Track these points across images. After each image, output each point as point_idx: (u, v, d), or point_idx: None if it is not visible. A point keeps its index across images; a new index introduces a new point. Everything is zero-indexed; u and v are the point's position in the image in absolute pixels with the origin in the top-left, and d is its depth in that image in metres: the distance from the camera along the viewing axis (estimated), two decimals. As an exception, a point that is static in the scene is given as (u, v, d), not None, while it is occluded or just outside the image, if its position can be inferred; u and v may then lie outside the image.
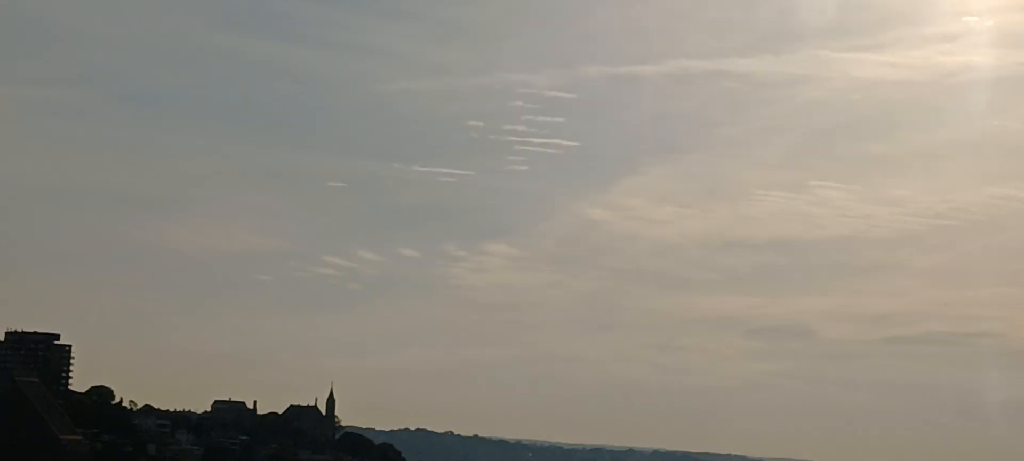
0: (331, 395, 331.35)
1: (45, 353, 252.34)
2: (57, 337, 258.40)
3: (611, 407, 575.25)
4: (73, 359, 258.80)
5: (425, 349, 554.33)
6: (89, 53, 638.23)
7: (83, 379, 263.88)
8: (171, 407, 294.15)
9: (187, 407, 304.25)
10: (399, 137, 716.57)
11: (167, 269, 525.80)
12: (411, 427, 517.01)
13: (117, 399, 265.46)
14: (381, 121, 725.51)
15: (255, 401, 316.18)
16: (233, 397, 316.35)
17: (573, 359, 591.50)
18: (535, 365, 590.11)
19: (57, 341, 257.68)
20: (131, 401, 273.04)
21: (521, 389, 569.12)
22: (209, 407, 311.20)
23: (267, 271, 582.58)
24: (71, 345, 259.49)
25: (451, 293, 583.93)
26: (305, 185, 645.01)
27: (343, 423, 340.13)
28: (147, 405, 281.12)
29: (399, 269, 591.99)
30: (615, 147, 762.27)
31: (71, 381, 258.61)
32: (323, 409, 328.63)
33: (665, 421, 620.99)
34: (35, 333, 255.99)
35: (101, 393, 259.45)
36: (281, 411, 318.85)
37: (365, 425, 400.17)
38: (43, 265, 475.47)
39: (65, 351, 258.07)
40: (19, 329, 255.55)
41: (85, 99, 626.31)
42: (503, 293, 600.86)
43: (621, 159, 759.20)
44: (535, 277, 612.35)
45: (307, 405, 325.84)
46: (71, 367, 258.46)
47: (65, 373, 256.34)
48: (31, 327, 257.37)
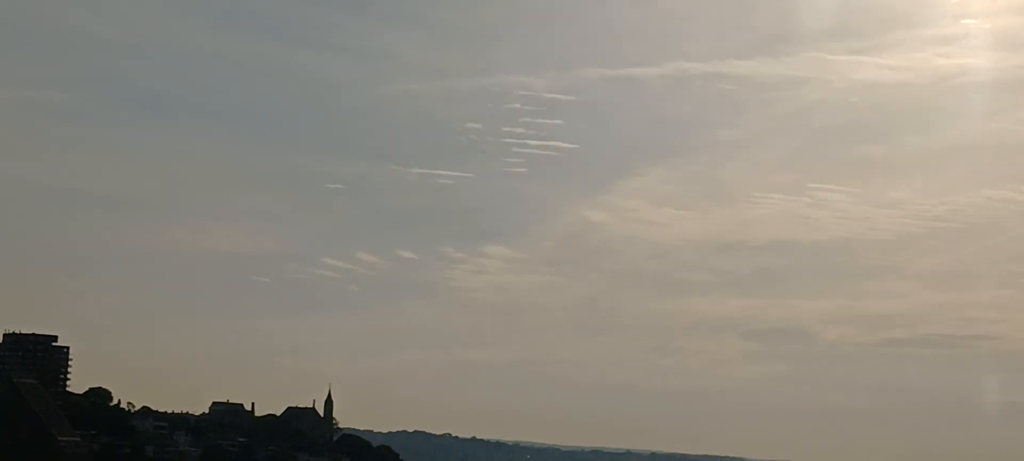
0: (329, 397, 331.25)
1: (43, 354, 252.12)
2: (55, 338, 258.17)
3: (609, 409, 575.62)
4: (71, 360, 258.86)
5: (423, 351, 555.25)
6: (88, 55, 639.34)
7: (81, 380, 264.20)
8: (169, 409, 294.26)
9: (185, 409, 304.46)
10: (398, 139, 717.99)
11: (165, 271, 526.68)
12: (409, 429, 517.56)
13: (115, 401, 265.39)
14: (379, 123, 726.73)
15: (253, 403, 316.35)
16: (231, 399, 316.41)
17: (571, 361, 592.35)
18: (533, 367, 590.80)
19: (55, 342, 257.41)
20: (129, 403, 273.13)
21: (519, 391, 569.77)
22: (207, 409, 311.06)
23: (265, 273, 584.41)
24: (69, 346, 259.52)
25: (450, 295, 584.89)
26: (304, 187, 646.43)
27: (341, 425, 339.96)
28: (145, 407, 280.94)
29: (398, 271, 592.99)
30: (614, 149, 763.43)
31: (69, 383, 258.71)
32: (321, 411, 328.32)
33: (663, 423, 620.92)
34: (33, 334, 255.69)
35: (99, 395, 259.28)
36: (279, 413, 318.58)
37: (363, 427, 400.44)
38: (41, 266, 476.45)
39: (63, 352, 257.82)
40: (17, 330, 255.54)
41: (83, 100, 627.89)
42: (501, 295, 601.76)
43: (619, 161, 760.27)
44: (533, 279, 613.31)
45: (305, 407, 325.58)
46: (69, 368, 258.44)
47: (63, 374, 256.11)
48: (29, 328, 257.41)
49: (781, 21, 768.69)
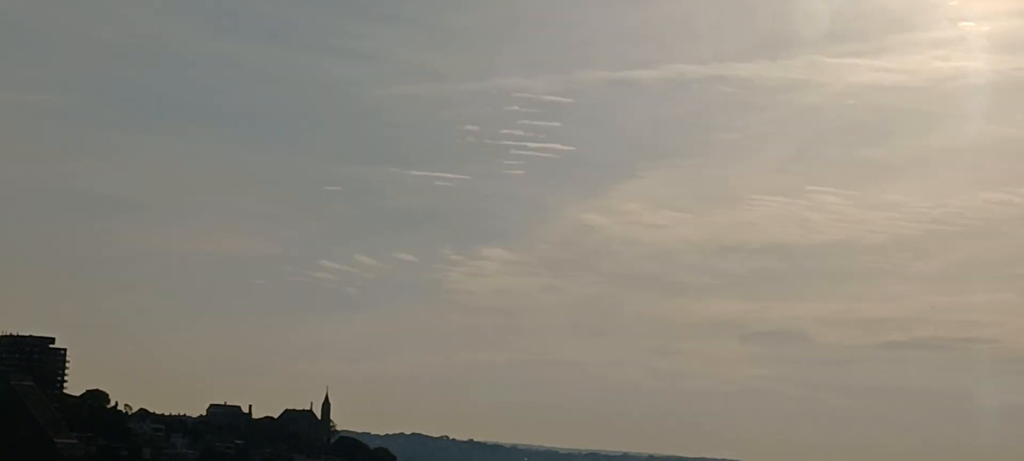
0: (327, 399, 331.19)
1: (40, 356, 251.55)
2: (52, 341, 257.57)
3: (607, 411, 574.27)
4: (68, 363, 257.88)
5: (421, 353, 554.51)
6: (86, 56, 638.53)
7: (78, 383, 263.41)
8: (166, 411, 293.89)
9: (182, 411, 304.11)
10: (395, 141, 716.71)
11: (163, 273, 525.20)
12: (407, 431, 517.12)
13: (112, 403, 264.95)
14: (377, 125, 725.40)
15: (250, 405, 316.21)
16: (228, 401, 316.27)
17: (569, 363, 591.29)
18: (531, 369, 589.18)
19: (52, 345, 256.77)
20: (126, 405, 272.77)
21: (517, 393, 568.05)
22: (204, 411, 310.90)
23: (263, 275, 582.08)
24: (66, 349, 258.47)
25: (447, 297, 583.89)
26: (301, 189, 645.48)
27: (338, 427, 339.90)
28: (142, 409, 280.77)
29: (395, 273, 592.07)
30: (612, 152, 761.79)
31: (66, 385, 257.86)
32: (319, 413, 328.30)
33: (661, 425, 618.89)
34: (30, 337, 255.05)
35: (96, 397, 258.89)
36: (276, 415, 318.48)
37: (361, 429, 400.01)
38: (38, 269, 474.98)
39: (60, 355, 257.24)
40: (14, 332, 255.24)
41: (81, 102, 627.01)
42: (499, 298, 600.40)
43: (618, 164, 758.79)
44: (531, 281, 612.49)
45: (303, 409, 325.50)
46: (66, 371, 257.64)
47: (60, 377, 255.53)
48: (26, 331, 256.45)
49: (780, 24, 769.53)
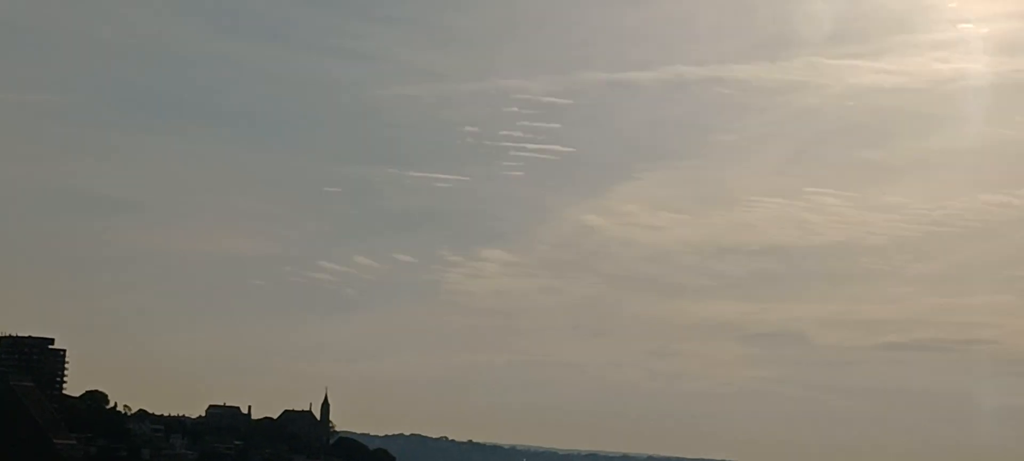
0: (326, 400, 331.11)
1: (40, 357, 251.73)
2: (51, 341, 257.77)
3: (606, 413, 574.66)
4: (67, 363, 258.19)
5: (420, 354, 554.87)
6: (85, 57, 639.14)
7: (77, 383, 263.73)
8: (165, 412, 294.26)
9: (181, 412, 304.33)
10: (395, 142, 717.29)
11: (162, 274, 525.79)
12: (406, 432, 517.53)
13: (111, 404, 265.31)
14: (377, 126, 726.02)
15: (249, 406, 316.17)
16: (227, 402, 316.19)
17: (568, 365, 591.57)
18: (530, 370, 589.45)
19: (51, 345, 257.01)
20: (125, 406, 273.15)
21: (516, 394, 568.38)
22: (203, 412, 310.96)
23: (262, 276, 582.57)
24: (65, 349, 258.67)
25: (446, 298, 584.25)
26: (301, 190, 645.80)
27: (338, 428, 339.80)
28: (141, 410, 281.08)
29: (394, 274, 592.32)
30: (611, 153, 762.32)
31: (65, 386, 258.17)
32: (318, 414, 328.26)
33: (660, 427, 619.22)
34: (29, 337, 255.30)
35: (95, 398, 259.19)
36: (276, 416, 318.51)
37: (360, 430, 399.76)
38: (37, 269, 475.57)
39: (59, 355, 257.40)
40: (14, 333, 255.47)
41: (80, 102, 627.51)
42: (498, 299, 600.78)
43: (617, 165, 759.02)
44: (530, 283, 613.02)
45: (302, 410, 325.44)
46: (65, 371, 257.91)
47: (59, 377, 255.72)
48: (25, 331, 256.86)
49: (779, 26, 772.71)
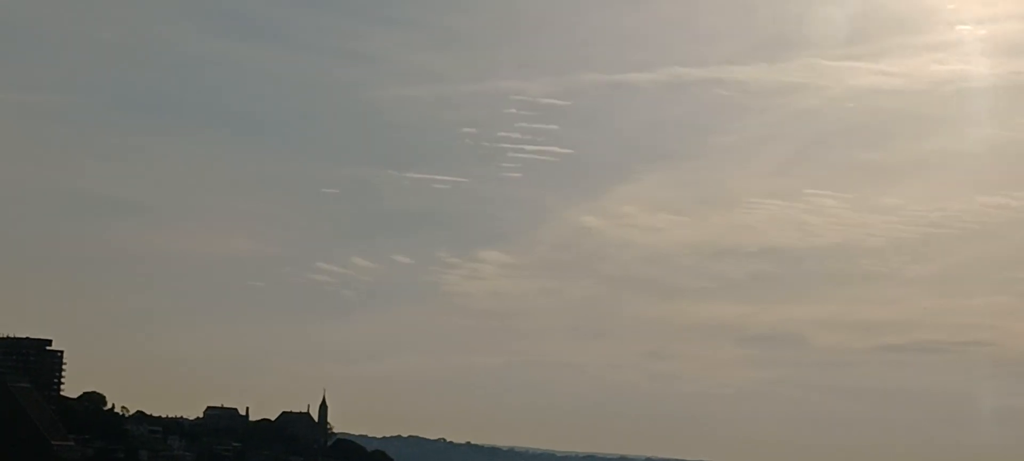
0: (324, 402, 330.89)
1: (37, 358, 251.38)
2: (49, 343, 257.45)
3: (604, 414, 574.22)
4: (65, 365, 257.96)
5: (418, 356, 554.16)
6: (83, 58, 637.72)
7: (75, 385, 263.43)
8: (163, 413, 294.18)
9: (179, 413, 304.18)
10: (393, 144, 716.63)
11: (160, 275, 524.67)
12: (404, 434, 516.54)
13: (109, 405, 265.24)
14: (375, 127, 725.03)
15: (247, 407, 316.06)
16: (225, 403, 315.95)
17: (566, 366, 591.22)
18: (528, 372, 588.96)
19: (49, 346, 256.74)
20: (123, 407, 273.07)
21: (514, 396, 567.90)
22: (201, 413, 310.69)
23: (260, 277, 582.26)
24: (63, 351, 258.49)
25: (444, 300, 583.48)
26: (299, 191, 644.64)
27: (336, 430, 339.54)
28: (139, 411, 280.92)
29: (392, 276, 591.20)
30: (609, 154, 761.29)
31: (63, 387, 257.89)
32: (316, 416, 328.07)
33: (658, 428, 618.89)
34: (27, 338, 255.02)
35: (93, 399, 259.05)
36: (273, 418, 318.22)
37: (358, 432, 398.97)
38: (35, 270, 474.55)
39: (57, 357, 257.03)
40: (11, 334, 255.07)
41: (77, 104, 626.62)
42: (496, 300, 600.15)
43: (615, 166, 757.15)
44: (528, 284, 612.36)
45: (300, 412, 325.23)
46: (63, 373, 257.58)
47: (57, 379, 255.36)
48: (23, 332, 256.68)
49: (777, 27, 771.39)
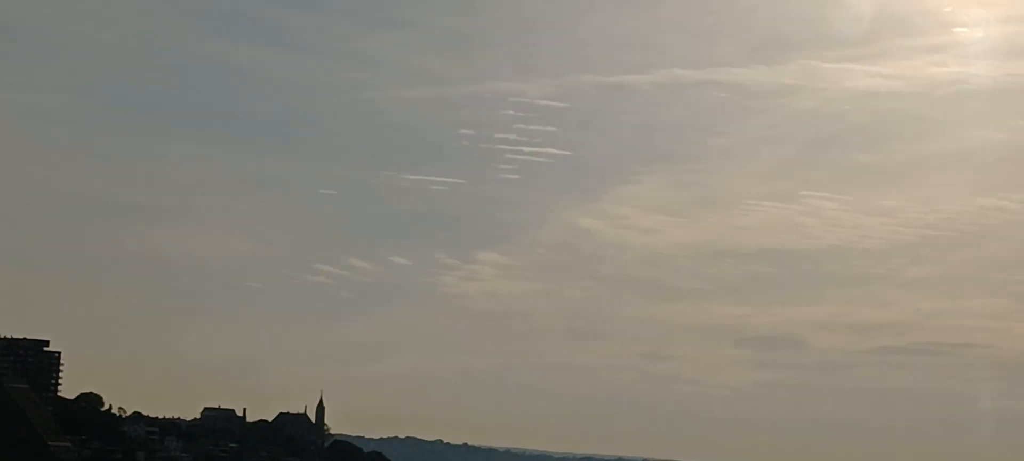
0: (321, 403, 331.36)
1: (34, 359, 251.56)
2: (46, 343, 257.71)
3: (601, 416, 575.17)
4: (62, 365, 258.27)
5: (415, 357, 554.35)
6: (81, 60, 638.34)
7: (72, 385, 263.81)
8: (160, 414, 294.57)
9: (176, 414, 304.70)
10: (391, 145, 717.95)
11: (157, 276, 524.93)
12: (401, 435, 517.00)
13: (106, 406, 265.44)
14: (373, 129, 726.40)
15: (245, 409, 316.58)
16: (223, 404, 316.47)
17: (563, 367, 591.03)
18: (525, 373, 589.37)
19: (46, 347, 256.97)
20: (120, 408, 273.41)
21: (511, 397, 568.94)
22: (199, 414, 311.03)
23: (258, 278, 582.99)
24: (60, 351, 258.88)
25: (442, 301, 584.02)
26: (296, 192, 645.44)
27: (333, 431, 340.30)
28: (136, 412, 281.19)
29: (390, 277, 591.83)
30: (606, 156, 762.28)
31: (60, 388, 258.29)
32: (313, 417, 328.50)
33: (655, 430, 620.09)
34: (24, 339, 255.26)
35: (90, 400, 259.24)
36: (271, 419, 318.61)
37: (355, 433, 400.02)
38: (33, 271, 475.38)
39: (54, 357, 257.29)
40: (9, 335, 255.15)
41: (76, 105, 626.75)
42: (493, 301, 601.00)
43: (612, 168, 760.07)
44: (526, 286, 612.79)
45: (297, 413, 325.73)
46: (60, 373, 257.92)
47: (54, 379, 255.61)
48: (20, 333, 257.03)
49: (774, 29, 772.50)
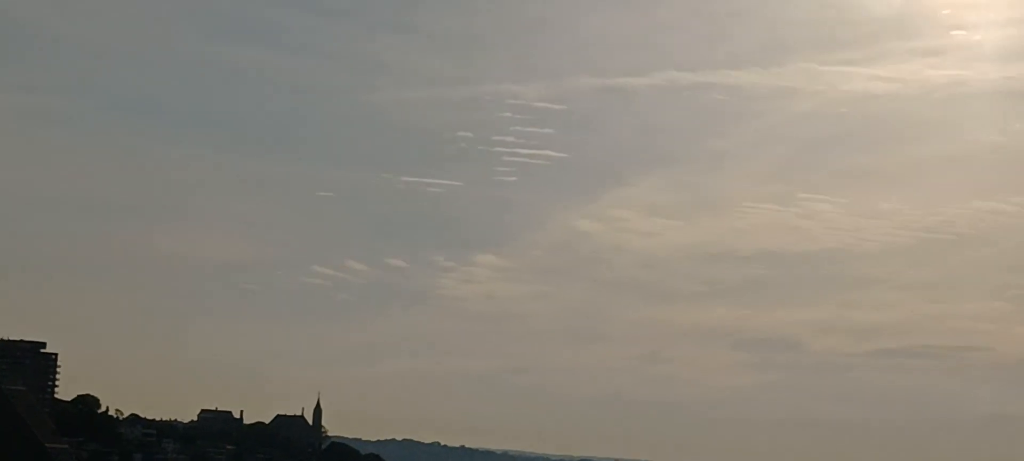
0: (318, 405, 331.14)
1: (31, 361, 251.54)
2: (43, 345, 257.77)
3: (599, 418, 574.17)
4: (59, 367, 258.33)
5: (412, 359, 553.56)
6: (78, 61, 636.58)
7: (69, 388, 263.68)
8: (157, 416, 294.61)
9: (173, 416, 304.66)
10: (388, 147, 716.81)
11: (154, 277, 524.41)
12: (398, 437, 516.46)
13: (103, 408, 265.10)
14: (370, 131, 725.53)
15: (242, 411, 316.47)
16: (220, 407, 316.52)
17: (560, 370, 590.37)
18: (522, 376, 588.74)
19: (43, 349, 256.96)
20: (117, 410, 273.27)
21: (508, 400, 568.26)
22: (195, 416, 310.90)
23: (255, 280, 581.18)
24: (57, 353, 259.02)
25: (439, 303, 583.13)
26: (294, 194, 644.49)
27: (330, 433, 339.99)
28: (133, 414, 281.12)
29: (387, 279, 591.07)
30: (604, 158, 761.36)
31: (57, 390, 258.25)
32: (310, 419, 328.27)
33: (653, 432, 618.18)
34: (21, 341, 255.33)
35: (87, 402, 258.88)
36: (268, 421, 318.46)
37: (352, 435, 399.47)
38: (30, 273, 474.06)
39: (51, 359, 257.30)
40: (5, 337, 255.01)
41: (73, 107, 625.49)
42: (491, 303, 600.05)
43: (609, 170, 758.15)
44: (523, 288, 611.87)
45: (294, 415, 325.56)
46: (57, 375, 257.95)
47: (51, 381, 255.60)
48: (17, 335, 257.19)
49: (771, 32, 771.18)
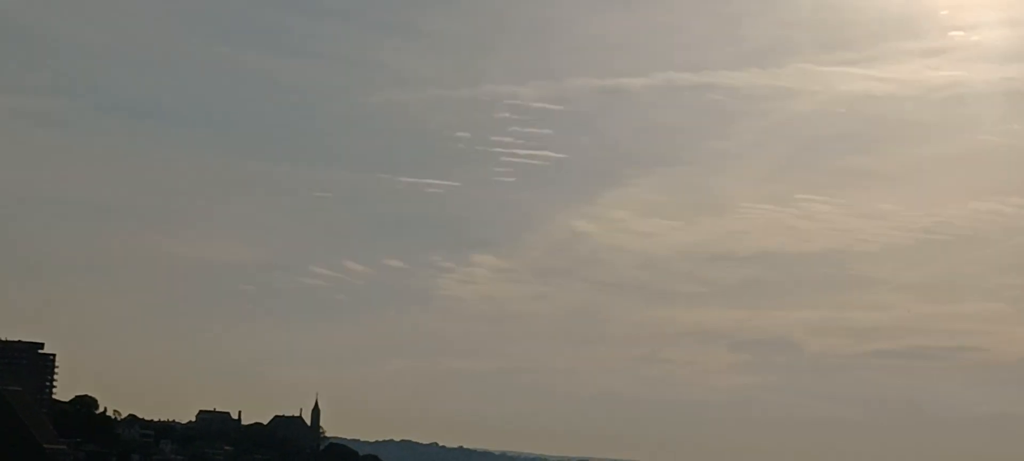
0: (316, 406, 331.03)
1: (29, 362, 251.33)
2: (41, 346, 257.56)
3: (597, 418, 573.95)
4: (57, 368, 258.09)
5: (411, 360, 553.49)
6: (78, 62, 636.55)
7: (67, 388, 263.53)
8: (155, 417, 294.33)
9: (171, 417, 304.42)
10: (386, 148, 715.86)
11: (152, 278, 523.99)
12: (396, 438, 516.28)
13: (101, 409, 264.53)
14: (368, 131, 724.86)
15: (240, 411, 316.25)
16: (218, 407, 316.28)
17: (558, 371, 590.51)
18: (520, 376, 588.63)
19: (41, 350, 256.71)
20: (115, 411, 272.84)
21: (506, 400, 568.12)
22: (194, 417, 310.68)
23: (252, 281, 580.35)
24: (55, 354, 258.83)
25: (437, 304, 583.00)
26: (291, 195, 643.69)
27: (328, 434, 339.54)
28: (131, 415, 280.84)
29: (385, 280, 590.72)
30: (601, 159, 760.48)
31: (55, 390, 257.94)
32: (308, 420, 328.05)
33: (650, 433, 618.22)
34: (19, 342, 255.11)
35: (85, 402, 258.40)
36: (266, 422, 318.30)
37: (350, 436, 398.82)
38: (27, 274, 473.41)
39: (49, 360, 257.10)
40: (3, 338, 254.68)
41: (72, 108, 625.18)
42: (489, 304, 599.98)
43: (607, 171, 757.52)
44: (521, 288, 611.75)
45: (292, 416, 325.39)
46: (55, 376, 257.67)
47: (49, 382, 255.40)
48: (15, 336, 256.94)
49: (770, 32, 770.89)
